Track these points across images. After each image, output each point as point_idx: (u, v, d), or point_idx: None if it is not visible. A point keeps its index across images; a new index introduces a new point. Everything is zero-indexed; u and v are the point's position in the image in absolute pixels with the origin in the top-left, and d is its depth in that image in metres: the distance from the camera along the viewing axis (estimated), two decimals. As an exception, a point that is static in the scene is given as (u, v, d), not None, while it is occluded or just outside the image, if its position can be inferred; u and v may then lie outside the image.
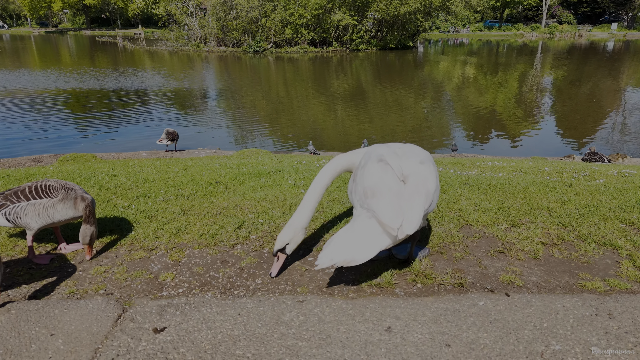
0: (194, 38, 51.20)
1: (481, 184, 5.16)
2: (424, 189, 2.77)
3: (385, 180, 2.75)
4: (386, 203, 2.64)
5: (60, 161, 9.61)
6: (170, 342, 2.40)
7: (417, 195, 2.73)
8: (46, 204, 3.19)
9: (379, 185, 2.73)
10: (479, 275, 3.06)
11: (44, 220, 3.20)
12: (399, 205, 2.66)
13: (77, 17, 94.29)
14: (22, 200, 3.21)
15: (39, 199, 3.21)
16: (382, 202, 2.66)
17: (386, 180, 2.76)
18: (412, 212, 2.66)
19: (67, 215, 3.25)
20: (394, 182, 2.76)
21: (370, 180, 2.77)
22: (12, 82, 25.19)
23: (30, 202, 3.20)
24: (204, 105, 20.63)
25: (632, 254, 3.27)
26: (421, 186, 2.78)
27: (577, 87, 25.24)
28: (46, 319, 2.59)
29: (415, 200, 2.71)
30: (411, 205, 2.68)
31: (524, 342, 2.36)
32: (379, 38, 51.43)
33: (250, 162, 7.37)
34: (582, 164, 8.00)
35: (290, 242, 3.06)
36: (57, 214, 3.22)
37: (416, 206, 2.69)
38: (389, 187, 2.72)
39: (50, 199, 3.22)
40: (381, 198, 2.67)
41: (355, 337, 2.43)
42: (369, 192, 2.73)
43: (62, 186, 3.30)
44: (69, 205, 3.23)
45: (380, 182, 2.74)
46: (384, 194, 2.69)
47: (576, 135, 15.12)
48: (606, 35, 67.43)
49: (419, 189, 2.76)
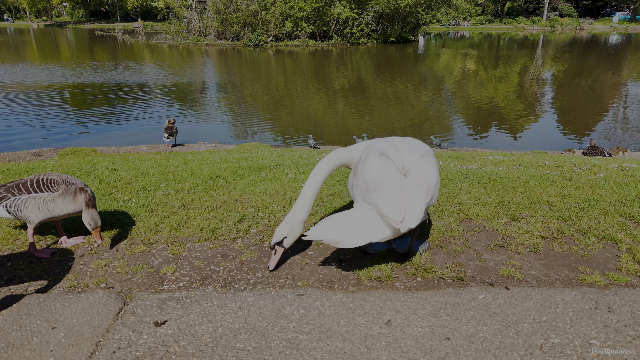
0: (194, 31, 50.95)
1: (481, 177, 5.16)
2: (425, 183, 2.78)
3: (386, 174, 2.76)
4: (388, 196, 2.65)
5: (60, 155, 9.61)
6: (171, 336, 2.41)
7: (418, 189, 2.74)
8: (46, 198, 3.20)
9: (380, 179, 2.74)
10: (478, 269, 3.06)
11: (44, 214, 3.20)
12: (402, 198, 2.67)
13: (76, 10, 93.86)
14: (23, 193, 3.21)
15: (40, 193, 3.22)
16: (384, 195, 2.67)
17: (388, 174, 2.76)
18: (414, 205, 2.67)
19: (67, 210, 3.25)
20: (396, 175, 2.77)
21: (372, 174, 2.78)
22: (12, 76, 25.12)
23: (31, 195, 3.21)
24: (204, 99, 20.59)
25: (631, 247, 3.28)
26: (422, 180, 2.79)
27: (578, 80, 25.17)
28: (47, 313, 2.60)
29: (416, 194, 2.72)
30: (413, 199, 2.69)
31: (523, 336, 2.37)
32: (380, 31, 51.21)
33: (250, 156, 7.37)
34: (582, 158, 7.99)
35: (288, 236, 3.06)
36: (57, 208, 3.22)
37: (418, 200, 2.70)
38: (390, 181, 2.73)
39: (51, 193, 3.22)
40: (383, 191, 2.68)
41: (356, 330, 2.44)
42: (370, 186, 2.74)
43: (63, 180, 3.30)
44: (68, 199, 3.23)
45: (382, 176, 2.75)
46: (386, 188, 2.69)
47: (577, 129, 15.09)
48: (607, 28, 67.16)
49: (420, 183, 2.77)
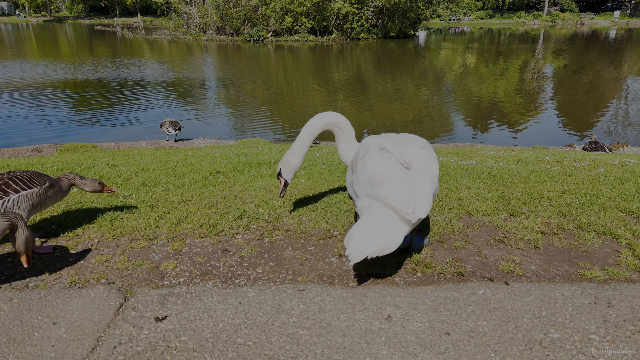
0: (193, 27, 50.76)
1: (481, 173, 5.16)
2: (429, 173, 2.81)
3: (389, 168, 2.76)
4: (395, 189, 2.65)
5: (60, 151, 9.60)
6: (172, 331, 2.42)
7: (423, 180, 2.76)
8: (38, 192, 3.17)
9: (384, 172, 2.74)
10: (478, 265, 3.07)
11: (35, 209, 3.19)
12: (409, 190, 2.67)
13: (75, 6, 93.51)
14: (10, 194, 3.05)
15: (30, 189, 3.13)
16: (391, 188, 2.66)
17: (391, 167, 2.76)
18: (423, 195, 2.68)
19: (56, 199, 3.35)
20: (399, 168, 2.78)
21: (375, 169, 2.77)
22: (12, 72, 25.06)
23: (21, 193, 3.08)
24: (204, 95, 20.55)
25: (631, 243, 3.28)
26: (426, 170, 2.81)
27: (579, 76, 25.10)
28: (48, 308, 2.61)
29: (423, 184, 2.74)
30: (420, 189, 2.71)
31: (523, 330, 2.38)
32: (380, 26, 51.00)
33: (250, 151, 7.36)
34: (582, 153, 7.99)
35: (283, 167, 3.73)
36: (49, 199, 3.27)
37: (425, 190, 2.72)
38: (394, 174, 2.73)
39: (40, 186, 3.19)
40: (389, 185, 2.68)
41: (356, 325, 2.45)
42: (375, 181, 2.73)
43: (33, 173, 3.26)
44: (57, 188, 3.31)
45: (385, 170, 2.75)
46: (392, 181, 2.69)
47: (577, 125, 15.07)
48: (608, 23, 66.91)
49: (425, 174, 2.79)
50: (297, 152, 3.69)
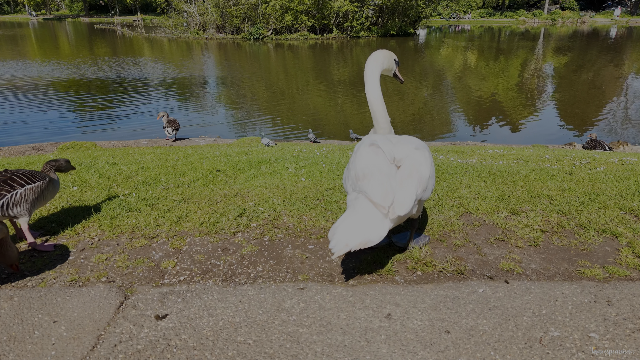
0: (193, 25, 50.68)
1: (481, 172, 5.16)
2: (417, 173, 2.78)
3: (375, 163, 2.76)
4: (376, 183, 2.65)
5: (60, 149, 9.60)
6: (172, 329, 2.42)
7: (409, 178, 2.73)
8: (41, 186, 3.18)
9: (369, 166, 2.74)
10: (478, 263, 3.07)
11: (39, 203, 3.20)
12: (389, 185, 2.66)
13: (75, 4, 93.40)
14: (16, 188, 3.07)
15: (32, 183, 3.15)
16: (372, 182, 2.66)
17: (376, 162, 2.76)
18: (404, 193, 2.65)
19: (55, 192, 3.36)
20: (385, 164, 2.77)
21: (362, 163, 2.79)
22: (12, 71, 25.04)
23: (25, 187, 3.10)
24: (204, 93, 20.53)
25: (631, 241, 3.28)
26: (414, 170, 2.78)
27: (579, 74, 25.08)
28: (49, 306, 2.61)
29: (407, 182, 2.71)
30: (403, 187, 2.68)
31: (523, 329, 2.38)
32: (380, 25, 50.92)
33: (250, 150, 7.36)
34: (582, 152, 7.99)
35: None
36: (49, 193, 3.27)
37: (408, 188, 2.69)
38: (379, 169, 2.73)
39: (42, 180, 3.21)
40: (371, 179, 2.68)
41: (356, 323, 2.45)
42: (360, 175, 2.74)
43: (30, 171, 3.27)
44: (56, 181, 3.32)
45: (370, 165, 2.75)
46: (374, 175, 2.69)
47: (577, 123, 15.06)
48: (609, 21, 66.82)
49: (412, 173, 2.76)
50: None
